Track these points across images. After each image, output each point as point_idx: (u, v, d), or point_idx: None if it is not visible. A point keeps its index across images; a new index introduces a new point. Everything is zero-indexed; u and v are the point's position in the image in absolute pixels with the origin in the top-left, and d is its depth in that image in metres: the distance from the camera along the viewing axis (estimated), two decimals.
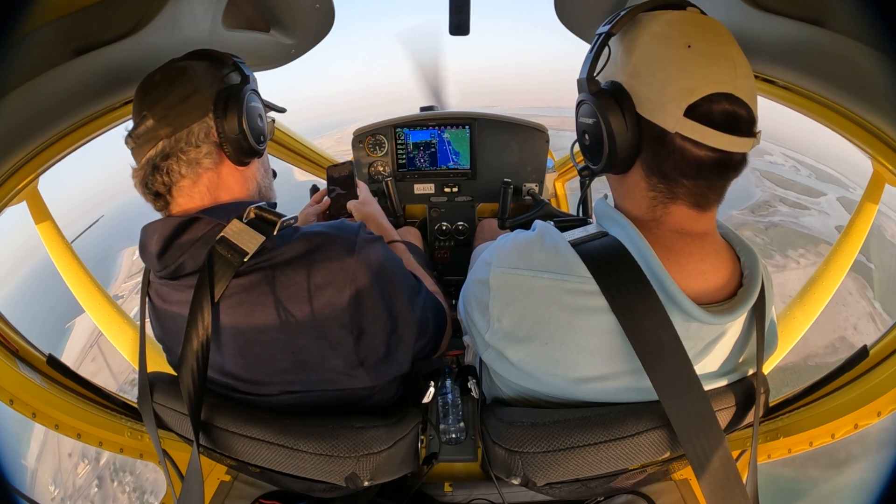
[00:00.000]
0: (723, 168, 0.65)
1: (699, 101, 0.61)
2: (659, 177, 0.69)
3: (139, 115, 0.79)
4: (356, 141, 2.00)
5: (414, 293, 0.92)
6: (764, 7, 0.84)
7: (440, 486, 1.15)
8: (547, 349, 0.73)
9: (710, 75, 0.62)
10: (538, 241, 0.75)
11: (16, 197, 1.07)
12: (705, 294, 0.71)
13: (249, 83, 0.88)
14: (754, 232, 30.85)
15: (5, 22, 0.52)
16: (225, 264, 0.74)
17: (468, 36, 1.19)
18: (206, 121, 0.82)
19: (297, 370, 0.80)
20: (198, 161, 0.81)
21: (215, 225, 0.77)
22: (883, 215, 26.98)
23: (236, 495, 1.22)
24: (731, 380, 0.78)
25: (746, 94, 0.63)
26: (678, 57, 0.63)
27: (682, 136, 0.63)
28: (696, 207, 0.69)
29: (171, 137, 0.79)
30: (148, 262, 0.81)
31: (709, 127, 0.62)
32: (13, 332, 1.06)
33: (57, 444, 19.76)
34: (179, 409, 0.83)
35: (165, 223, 0.77)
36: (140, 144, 0.80)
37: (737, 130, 0.62)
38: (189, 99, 0.81)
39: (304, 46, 1.39)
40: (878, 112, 0.87)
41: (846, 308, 22.34)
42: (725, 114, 0.62)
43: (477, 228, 1.97)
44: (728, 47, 0.64)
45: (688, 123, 0.62)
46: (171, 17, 0.93)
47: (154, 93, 0.80)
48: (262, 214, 0.79)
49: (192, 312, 0.73)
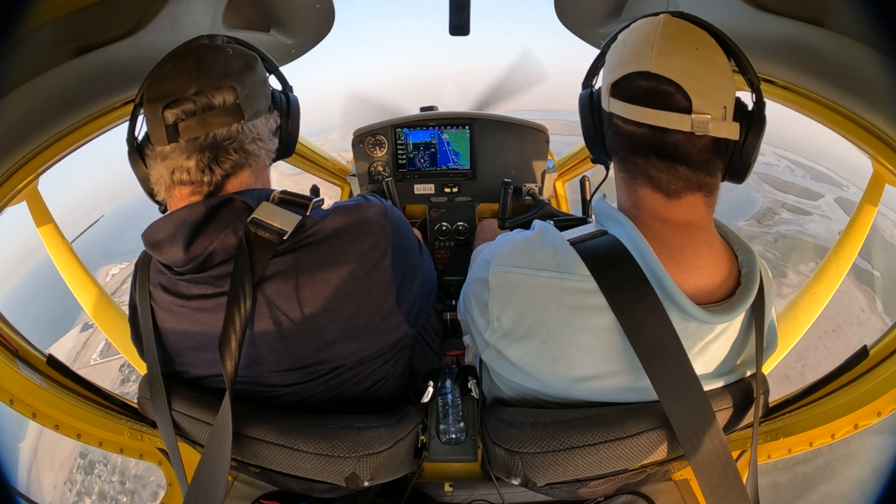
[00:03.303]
0: (660, 146, 0.68)
1: (619, 80, 0.71)
2: (617, 158, 0.77)
3: (214, 84, 0.72)
4: (356, 141, 2.00)
5: (422, 249, 0.99)
6: (764, 7, 0.84)
7: (440, 487, 1.15)
8: (546, 347, 0.73)
9: (627, 59, 0.70)
10: (537, 240, 0.76)
11: (16, 197, 1.07)
12: (703, 293, 0.71)
13: (293, 90, 0.93)
14: (765, 246, 30.52)
15: (5, 22, 0.52)
16: (262, 244, 0.71)
17: (468, 36, 1.19)
18: (273, 115, 0.84)
19: (346, 339, 0.81)
20: (258, 155, 0.79)
21: (247, 208, 0.74)
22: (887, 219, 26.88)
23: (236, 495, 1.22)
24: (731, 380, 0.78)
25: (669, 71, 0.66)
26: (615, 53, 0.74)
27: (614, 114, 0.73)
28: (659, 191, 0.71)
29: (249, 122, 0.76)
30: (166, 258, 0.74)
31: (628, 103, 0.69)
32: (13, 332, 1.06)
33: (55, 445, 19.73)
34: (182, 411, 0.83)
35: (192, 210, 0.71)
36: (203, 119, 0.71)
37: (658, 104, 0.66)
38: (264, 86, 0.82)
39: (304, 46, 1.39)
40: (878, 112, 0.87)
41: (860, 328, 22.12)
42: (641, 89, 0.68)
43: (477, 228, 1.97)
44: (655, 34, 0.68)
45: (614, 102, 0.72)
46: (171, 17, 0.93)
47: (232, 64, 0.75)
48: (288, 198, 0.78)
49: (232, 289, 0.69)
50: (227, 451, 0.70)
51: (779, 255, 30.25)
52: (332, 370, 0.83)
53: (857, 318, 22.72)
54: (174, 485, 1.21)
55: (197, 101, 0.72)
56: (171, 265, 0.75)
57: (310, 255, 0.75)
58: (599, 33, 1.31)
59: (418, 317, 0.92)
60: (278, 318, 0.75)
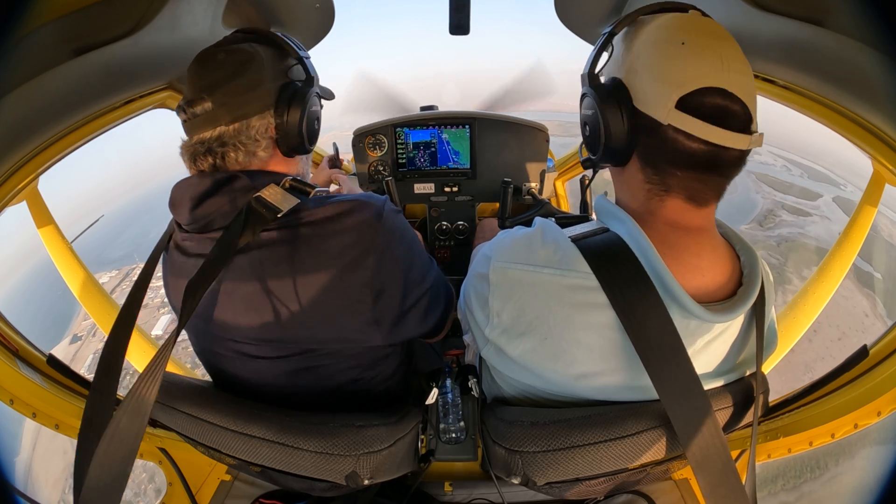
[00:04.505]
0: (716, 163, 0.66)
1: (690, 94, 0.64)
2: (653, 168, 0.71)
3: (197, 93, 0.80)
4: (356, 140, 1.99)
5: (427, 266, 0.96)
6: (764, 7, 0.84)
7: (440, 486, 1.15)
8: (546, 344, 0.73)
9: (701, 70, 0.64)
10: (538, 236, 0.76)
11: (16, 197, 1.07)
12: (705, 292, 0.71)
13: (314, 85, 0.91)
14: (769, 251, 30.33)
15: (5, 22, 0.52)
16: (257, 218, 0.77)
17: (468, 35, 1.19)
18: (267, 116, 0.85)
19: (312, 325, 0.81)
20: (254, 153, 0.85)
21: (251, 187, 0.80)
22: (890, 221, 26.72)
23: (236, 495, 1.22)
24: (730, 379, 0.78)
25: (741, 90, 0.64)
26: (672, 53, 0.66)
27: (674, 127, 0.65)
28: (692, 201, 0.70)
29: (231, 126, 0.82)
30: (178, 216, 0.84)
31: (699, 119, 0.64)
32: (13, 332, 1.06)
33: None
34: (179, 408, 0.83)
35: (202, 180, 0.80)
36: (195, 124, 0.81)
37: (728, 124, 0.64)
38: (254, 90, 0.83)
39: (305, 46, 1.39)
40: (878, 112, 0.87)
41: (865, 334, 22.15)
42: (716, 107, 0.64)
43: (477, 228, 1.97)
44: (721, 44, 0.66)
45: (679, 115, 0.64)
46: (171, 17, 0.93)
47: (217, 73, 0.80)
48: (297, 185, 0.83)
49: (216, 246, 0.76)
50: (154, 390, 0.69)
51: (782, 259, 30.04)
52: (300, 352, 0.84)
53: (862, 324, 22.68)
54: (174, 484, 1.21)
55: (187, 110, 0.81)
56: (181, 224, 0.85)
57: (293, 236, 0.79)
58: (600, 33, 1.31)
59: (399, 333, 0.89)
60: (255, 287, 0.80)
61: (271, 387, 0.89)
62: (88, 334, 28.41)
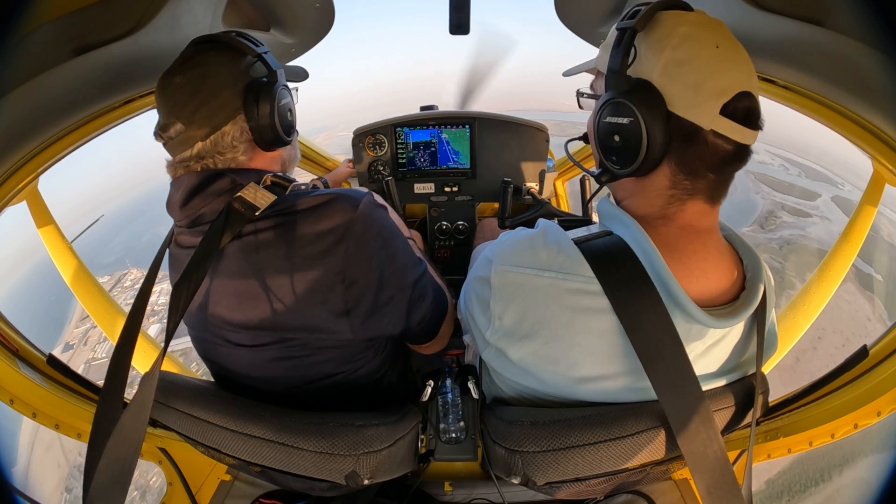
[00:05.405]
0: (737, 160, 0.68)
1: (730, 100, 0.64)
2: (686, 173, 0.69)
3: (166, 118, 0.83)
4: (356, 140, 2.00)
5: (412, 264, 0.96)
6: (764, 6, 0.84)
7: (440, 486, 1.15)
8: (548, 348, 0.73)
9: (735, 75, 0.65)
10: (541, 239, 0.75)
11: (16, 197, 1.07)
12: (708, 297, 0.71)
13: (278, 80, 0.90)
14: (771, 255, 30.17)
15: (5, 22, 0.52)
16: (238, 217, 0.81)
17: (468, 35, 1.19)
18: (239, 121, 0.86)
19: (284, 312, 0.83)
20: (234, 158, 0.88)
21: (237, 184, 0.84)
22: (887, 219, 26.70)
23: (236, 495, 1.22)
24: (730, 380, 0.78)
25: (756, 89, 0.67)
26: (710, 57, 0.65)
27: (716, 132, 0.65)
28: (710, 201, 0.71)
29: (207, 140, 0.84)
30: (172, 213, 0.89)
31: (737, 123, 0.65)
32: (13, 332, 1.06)
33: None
34: (179, 408, 0.83)
35: (191, 177, 0.84)
36: (173, 146, 0.85)
37: (755, 125, 0.66)
38: (217, 99, 0.83)
39: (305, 46, 1.39)
40: (878, 112, 0.87)
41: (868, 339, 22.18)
42: (746, 110, 0.65)
43: (477, 228, 1.97)
44: (741, 47, 0.67)
45: (722, 121, 0.64)
46: (171, 17, 0.93)
47: (177, 96, 0.82)
48: (277, 181, 0.88)
49: (201, 243, 0.79)
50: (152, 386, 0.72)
51: (785, 262, 29.93)
52: (276, 341, 0.87)
53: (865, 329, 22.61)
54: (174, 484, 1.21)
55: (162, 135, 0.85)
56: (175, 220, 0.90)
57: (271, 227, 0.83)
58: (600, 32, 1.31)
59: (371, 328, 0.89)
60: (236, 277, 0.84)
61: (256, 376, 0.92)
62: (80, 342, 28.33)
